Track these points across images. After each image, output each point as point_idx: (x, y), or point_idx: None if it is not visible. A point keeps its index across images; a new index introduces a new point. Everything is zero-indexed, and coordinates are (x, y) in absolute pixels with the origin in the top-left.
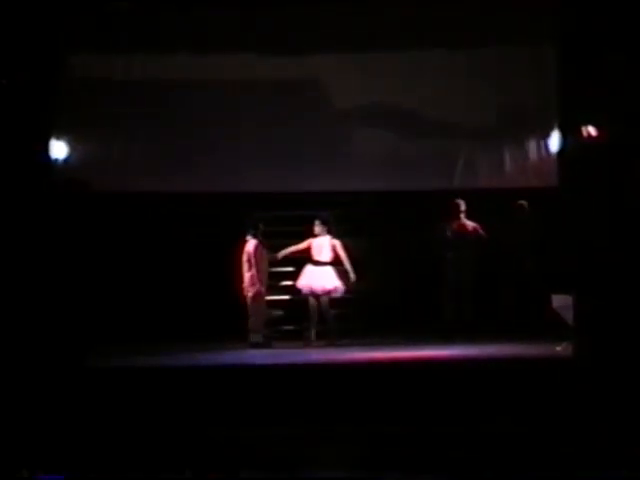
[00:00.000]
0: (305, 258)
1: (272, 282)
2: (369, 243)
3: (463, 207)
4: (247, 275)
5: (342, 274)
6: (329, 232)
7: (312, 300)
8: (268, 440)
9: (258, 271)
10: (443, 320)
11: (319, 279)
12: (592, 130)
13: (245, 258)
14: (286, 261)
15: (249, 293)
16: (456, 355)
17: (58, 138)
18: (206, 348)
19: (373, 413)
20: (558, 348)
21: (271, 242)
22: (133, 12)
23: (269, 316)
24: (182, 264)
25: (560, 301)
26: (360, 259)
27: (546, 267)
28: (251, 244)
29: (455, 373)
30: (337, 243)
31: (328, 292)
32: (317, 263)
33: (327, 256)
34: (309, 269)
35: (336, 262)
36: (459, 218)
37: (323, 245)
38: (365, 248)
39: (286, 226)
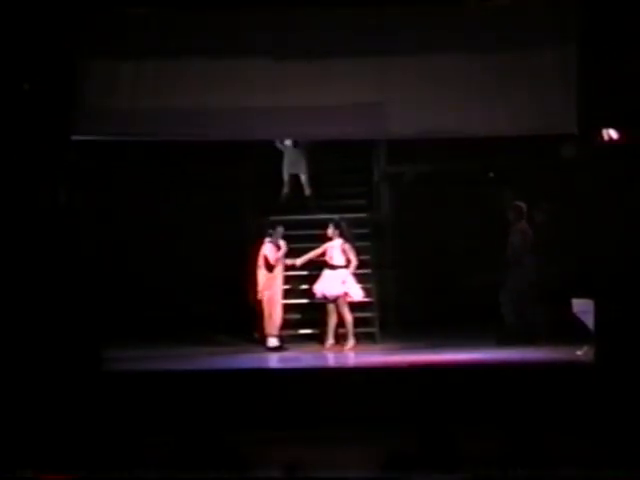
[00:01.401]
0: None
1: (289, 286)
2: (394, 247)
3: (525, 209)
4: (263, 278)
5: (361, 278)
6: (341, 235)
7: (330, 304)
8: (284, 442)
9: (274, 274)
10: (502, 325)
11: (330, 283)
12: (613, 133)
13: (262, 261)
14: (303, 265)
15: (264, 297)
16: (478, 359)
17: (77, 139)
18: (222, 352)
19: (389, 416)
20: (579, 352)
21: (288, 245)
22: (151, 17)
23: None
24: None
25: (581, 305)
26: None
27: (568, 271)
28: (268, 247)
29: (475, 377)
30: (347, 247)
31: (337, 297)
32: (332, 267)
33: (340, 260)
34: (325, 273)
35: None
36: (521, 222)
37: (336, 249)
38: (390, 252)
39: (303, 230)
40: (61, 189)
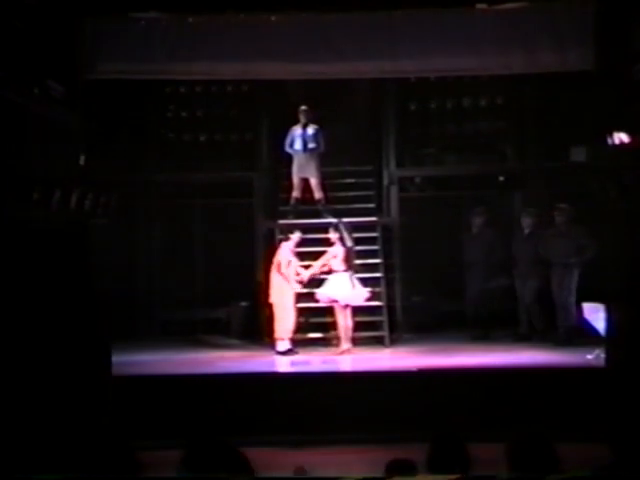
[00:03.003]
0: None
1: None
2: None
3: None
4: (277, 282)
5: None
6: (341, 239)
7: (338, 307)
8: (292, 446)
9: (288, 278)
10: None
11: (332, 288)
12: (624, 137)
13: (276, 265)
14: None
15: (276, 299)
16: (486, 363)
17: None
18: (232, 357)
19: (397, 420)
20: (589, 357)
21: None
22: (162, 21)
23: (300, 323)
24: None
25: (592, 309)
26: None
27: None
28: (285, 250)
29: (484, 381)
30: (341, 250)
31: (334, 301)
32: (334, 272)
33: (338, 265)
34: (329, 277)
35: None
36: (569, 224)
37: (337, 253)
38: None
39: (313, 233)
40: (72, 193)
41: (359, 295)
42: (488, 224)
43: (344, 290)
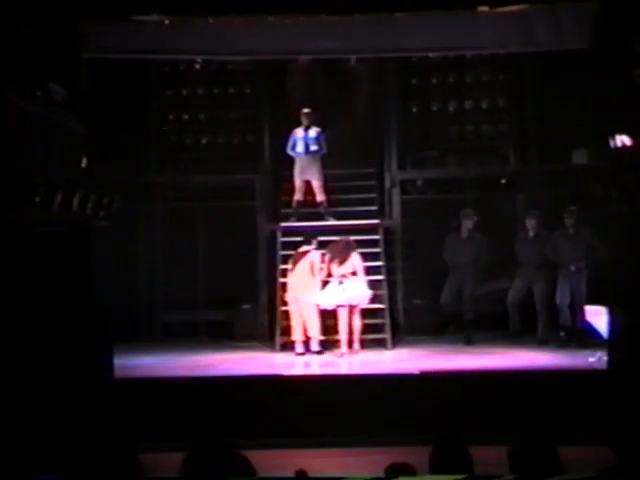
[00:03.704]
0: None
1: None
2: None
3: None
4: (308, 282)
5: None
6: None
7: (341, 310)
8: (293, 449)
9: (315, 280)
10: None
11: (321, 295)
12: (626, 139)
13: (308, 266)
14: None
15: (307, 300)
16: (489, 366)
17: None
18: (234, 359)
19: (399, 423)
20: (592, 359)
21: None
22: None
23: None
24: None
25: (594, 312)
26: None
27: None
28: (314, 255)
29: (486, 384)
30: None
31: (335, 306)
32: (331, 275)
33: (336, 268)
34: (331, 280)
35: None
36: (578, 227)
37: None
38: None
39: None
40: (74, 196)
41: (356, 298)
42: (478, 227)
43: (333, 296)
